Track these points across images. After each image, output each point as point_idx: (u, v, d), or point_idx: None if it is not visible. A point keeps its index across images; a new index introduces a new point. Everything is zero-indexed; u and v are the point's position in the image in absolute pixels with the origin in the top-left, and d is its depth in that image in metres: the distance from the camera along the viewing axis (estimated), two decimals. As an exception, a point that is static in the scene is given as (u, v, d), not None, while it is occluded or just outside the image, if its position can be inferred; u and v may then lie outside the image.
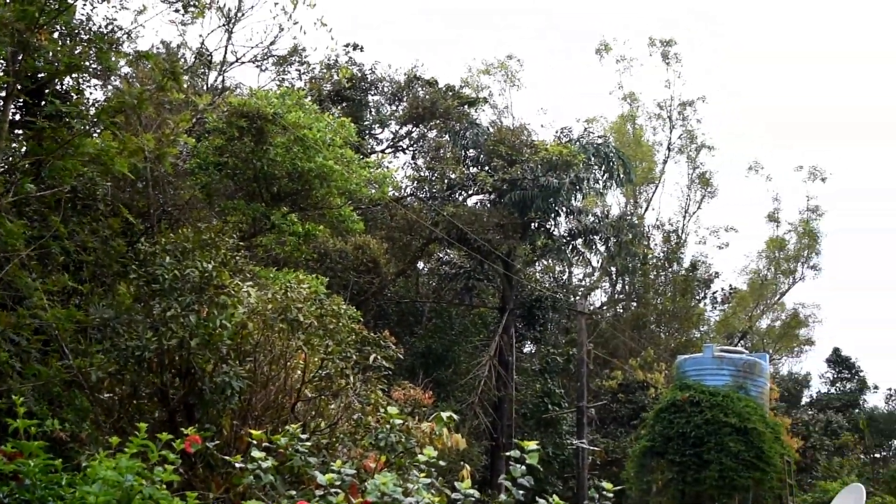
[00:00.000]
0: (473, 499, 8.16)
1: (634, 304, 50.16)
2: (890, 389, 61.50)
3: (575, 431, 34.83)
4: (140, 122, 16.78)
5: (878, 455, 58.64)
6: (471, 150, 39.73)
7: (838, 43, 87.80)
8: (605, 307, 50.45)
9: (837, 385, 61.07)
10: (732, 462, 26.87)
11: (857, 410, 57.15)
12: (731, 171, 78.75)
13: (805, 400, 58.70)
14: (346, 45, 39.83)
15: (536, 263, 44.27)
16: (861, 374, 60.90)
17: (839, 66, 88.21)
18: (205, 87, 33.89)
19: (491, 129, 41.04)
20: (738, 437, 27.10)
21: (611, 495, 8.76)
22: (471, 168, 39.29)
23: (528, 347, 42.36)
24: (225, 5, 32.52)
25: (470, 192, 39.83)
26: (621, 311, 50.35)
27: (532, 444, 8.08)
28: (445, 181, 38.38)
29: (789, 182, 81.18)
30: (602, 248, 44.07)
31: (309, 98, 28.06)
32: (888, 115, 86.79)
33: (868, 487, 36.85)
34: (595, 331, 42.76)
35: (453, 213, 36.66)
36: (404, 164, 40.76)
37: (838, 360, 60.98)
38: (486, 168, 38.70)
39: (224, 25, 32.90)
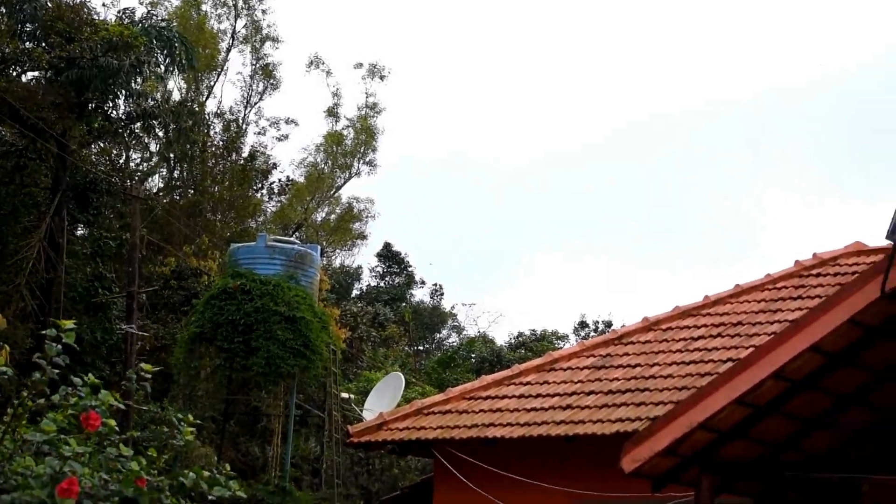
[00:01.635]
0: (7, 376, 7.99)
1: (192, 191, 49.84)
2: (435, 285, 64.31)
3: (125, 316, 34.44)
4: None
5: (421, 347, 61.31)
6: (27, 25, 38.10)
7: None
8: (161, 193, 49.88)
9: (387, 279, 63.21)
10: (280, 350, 27.33)
11: (403, 304, 59.36)
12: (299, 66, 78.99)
13: (355, 292, 60.37)
14: None
15: (92, 145, 43.16)
16: (409, 269, 63.29)
17: None
18: None
19: (49, 4, 39.46)
20: (286, 326, 27.56)
21: (149, 377, 8.75)
22: (26, 43, 37.70)
23: (81, 230, 41.41)
24: None
25: (24, 68, 38.29)
26: (178, 198, 49.94)
27: (69, 324, 7.96)
28: (-1, 54, 36.72)
29: (351, 78, 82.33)
30: (161, 134, 43.44)
31: None
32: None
33: (410, 378, 38.49)
34: (150, 216, 42.22)
35: (6, 88, 35.15)
36: (-47, 34, 38.59)
37: (388, 255, 63.05)
38: (43, 44, 37.25)
39: None
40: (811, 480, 13.56)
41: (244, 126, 52.55)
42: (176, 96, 47.90)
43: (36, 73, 38.48)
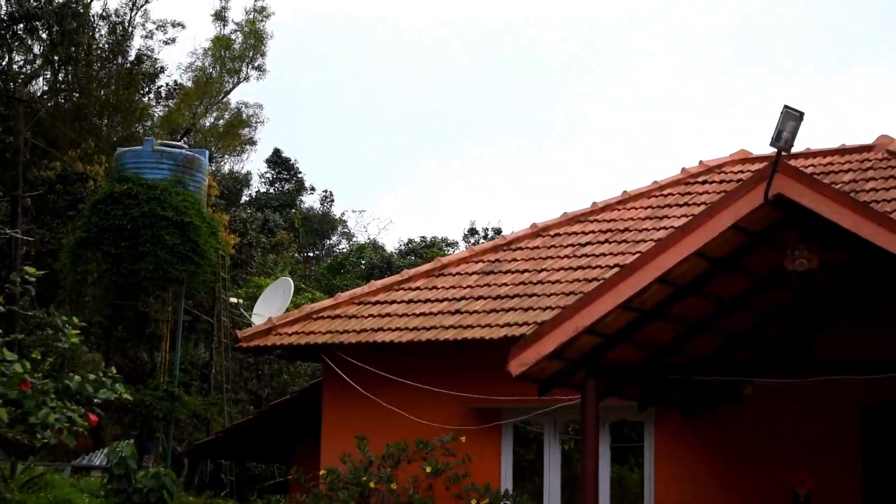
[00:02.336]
0: None
1: (77, 95, 48.88)
2: (325, 191, 64.05)
3: (9, 221, 33.87)
4: None
5: (311, 254, 61.16)
6: None
7: None
8: (46, 96, 48.84)
9: (276, 185, 62.77)
10: (167, 255, 27.09)
11: (293, 210, 59.06)
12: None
13: (245, 198, 59.91)
14: None
15: (-27, 48, 42.14)
16: (299, 175, 62.90)
17: None
18: None
19: None
20: (174, 231, 27.30)
21: (34, 280, 8.67)
22: None
23: (-37, 134, 40.51)
24: None
25: None
26: (63, 101, 48.95)
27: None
28: None
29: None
30: (45, 36, 42.46)
31: None
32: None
33: (301, 285, 38.45)
34: (34, 120, 41.37)
35: None
36: None
37: (278, 161, 62.58)
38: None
39: None
40: (695, 383, 13.86)
41: (130, 29, 51.48)
42: (60, -4, 46.73)
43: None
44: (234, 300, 31.65)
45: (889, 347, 13.42)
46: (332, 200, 64.30)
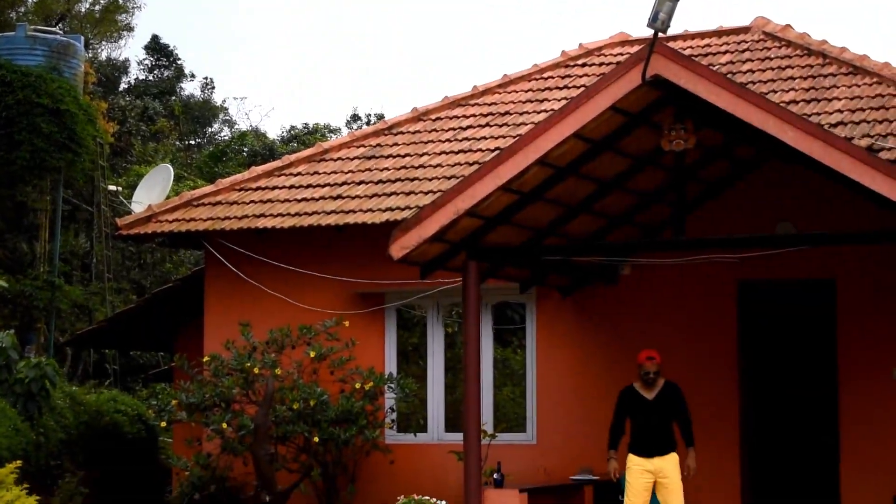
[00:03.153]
0: None
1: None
2: (206, 78, 63.15)
3: None
4: None
5: (192, 142, 60.40)
6: None
7: None
8: (-88, -19, 47.41)
9: (155, 72, 61.70)
10: (44, 143, 26.58)
11: (173, 98, 58.16)
12: None
13: (123, 86, 58.81)
14: None
15: None
16: (179, 62, 61.84)
17: None
18: None
19: None
20: (50, 119, 26.77)
21: None
22: None
23: None
24: None
25: None
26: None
27: None
28: None
29: None
30: None
31: None
32: None
33: (182, 173, 38.01)
34: None
35: None
36: None
37: (157, 48, 61.45)
38: None
39: None
40: (574, 264, 14.07)
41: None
42: None
43: None
44: (113, 188, 31.21)
45: (760, 225, 13.77)
46: (213, 87, 63.25)
